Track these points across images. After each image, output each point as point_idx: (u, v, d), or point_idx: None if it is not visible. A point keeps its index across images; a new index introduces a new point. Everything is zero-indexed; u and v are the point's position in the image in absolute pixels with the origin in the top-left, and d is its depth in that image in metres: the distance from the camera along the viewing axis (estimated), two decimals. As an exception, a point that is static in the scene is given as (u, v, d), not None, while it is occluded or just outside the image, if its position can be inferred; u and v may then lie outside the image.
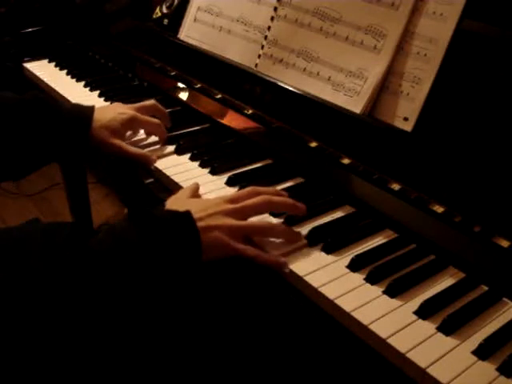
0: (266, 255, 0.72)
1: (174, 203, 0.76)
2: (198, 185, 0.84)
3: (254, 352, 0.95)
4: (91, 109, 0.95)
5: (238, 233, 0.73)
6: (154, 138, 1.02)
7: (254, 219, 0.77)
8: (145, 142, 1.02)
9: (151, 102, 1.03)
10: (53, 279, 0.59)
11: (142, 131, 1.03)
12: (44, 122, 0.90)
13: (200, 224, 0.70)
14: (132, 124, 0.98)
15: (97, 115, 0.94)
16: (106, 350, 0.67)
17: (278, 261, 0.72)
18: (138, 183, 0.97)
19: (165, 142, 1.00)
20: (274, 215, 0.81)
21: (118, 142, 0.94)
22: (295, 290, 0.71)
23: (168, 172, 0.92)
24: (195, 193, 0.82)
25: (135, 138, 1.02)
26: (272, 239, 0.76)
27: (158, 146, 1.00)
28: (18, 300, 0.57)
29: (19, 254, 0.60)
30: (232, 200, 0.76)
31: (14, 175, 0.94)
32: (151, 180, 0.95)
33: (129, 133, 1.00)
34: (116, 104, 1.03)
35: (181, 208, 0.71)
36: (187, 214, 0.70)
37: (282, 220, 0.79)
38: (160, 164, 0.94)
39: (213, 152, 0.98)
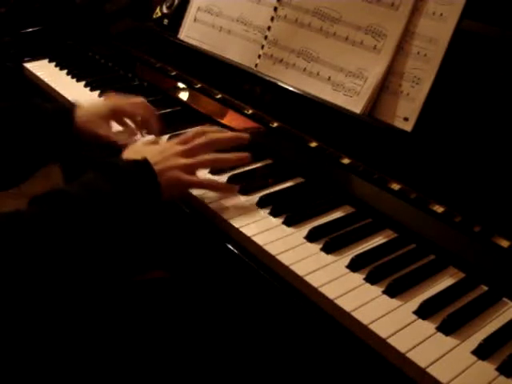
0: (217, 182, 0.87)
1: (131, 152, 0.83)
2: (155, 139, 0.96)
3: (254, 352, 0.95)
4: (72, 105, 0.99)
5: (190, 169, 0.83)
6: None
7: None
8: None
9: (140, 98, 1.05)
10: (36, 223, 0.66)
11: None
12: (29, 122, 0.93)
13: (157, 167, 0.78)
14: (115, 112, 1.00)
15: (80, 111, 0.97)
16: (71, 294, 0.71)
17: (228, 187, 0.86)
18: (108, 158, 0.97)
19: (156, 119, 1.03)
20: (274, 215, 0.81)
21: (105, 130, 0.98)
22: (295, 289, 0.71)
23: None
24: (150, 141, 0.92)
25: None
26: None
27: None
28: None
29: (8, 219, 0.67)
30: (182, 141, 0.85)
31: (10, 182, 0.97)
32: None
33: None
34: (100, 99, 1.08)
35: (138, 156, 0.79)
36: (145, 161, 0.78)
37: (282, 219, 0.80)
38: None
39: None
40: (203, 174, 0.89)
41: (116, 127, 1.02)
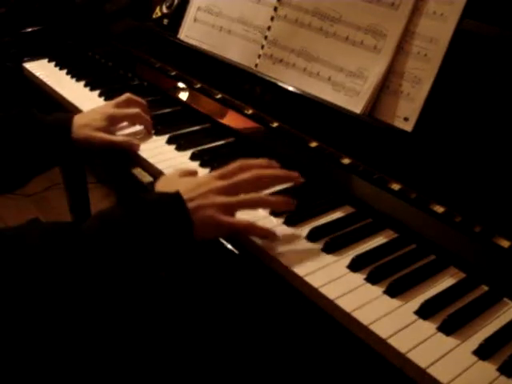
0: (259, 226, 0.74)
1: (164, 184, 0.77)
2: (192, 170, 0.84)
3: (254, 352, 0.95)
4: (70, 115, 0.99)
5: (229, 209, 0.73)
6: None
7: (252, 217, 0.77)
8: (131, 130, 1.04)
9: (125, 95, 1.05)
10: (47, 267, 0.60)
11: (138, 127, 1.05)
12: (27, 133, 0.93)
13: (191, 204, 0.70)
14: (112, 119, 1.00)
15: (76, 119, 0.98)
16: (97, 335, 0.67)
17: (269, 232, 0.74)
18: (137, 183, 0.97)
19: (150, 128, 1.03)
20: (275, 215, 0.81)
21: (99, 133, 0.97)
22: (295, 290, 0.71)
23: (168, 172, 0.92)
24: (186, 173, 0.82)
25: (127, 131, 1.04)
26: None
27: (146, 137, 1.02)
28: (16, 299, 0.58)
29: (19, 253, 0.60)
30: (222, 175, 0.76)
31: (8, 187, 0.97)
32: (151, 180, 0.95)
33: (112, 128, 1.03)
34: (93, 108, 1.06)
35: (171, 188, 0.71)
36: (176, 195, 0.70)
37: (282, 219, 0.79)
38: (160, 164, 0.94)
39: (213, 152, 0.98)
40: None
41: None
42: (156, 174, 0.94)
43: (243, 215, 0.77)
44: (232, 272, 0.82)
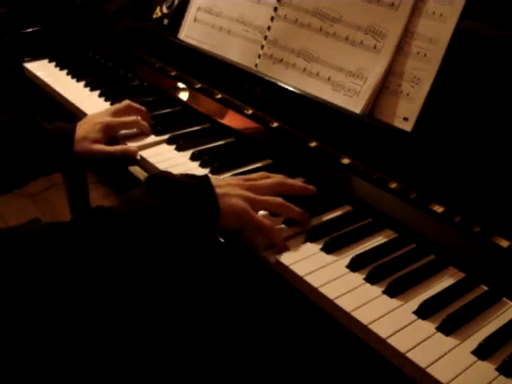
0: (278, 234, 0.74)
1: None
2: None
3: (253, 352, 0.95)
4: (73, 127, 1.00)
5: (255, 204, 0.75)
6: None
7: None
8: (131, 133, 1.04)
9: (124, 103, 1.06)
10: (48, 267, 0.60)
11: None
12: (29, 141, 0.95)
13: (219, 190, 0.71)
14: (109, 130, 1.01)
15: (77, 130, 0.99)
16: (105, 334, 0.67)
17: (284, 243, 0.74)
18: (137, 184, 0.97)
19: (149, 134, 1.04)
20: (274, 215, 0.81)
21: (98, 146, 0.98)
22: (295, 289, 0.71)
23: (168, 172, 0.92)
24: None
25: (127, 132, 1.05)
26: None
27: (148, 140, 1.02)
28: (18, 300, 0.58)
29: (19, 254, 0.60)
30: (246, 179, 0.79)
31: (4, 189, 0.98)
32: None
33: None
34: (94, 114, 1.07)
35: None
36: (205, 179, 0.72)
37: (282, 220, 0.79)
38: (161, 165, 0.94)
39: (213, 152, 0.98)
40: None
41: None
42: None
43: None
44: (231, 271, 0.82)
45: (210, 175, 0.74)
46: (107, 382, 0.78)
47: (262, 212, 0.79)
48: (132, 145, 1.00)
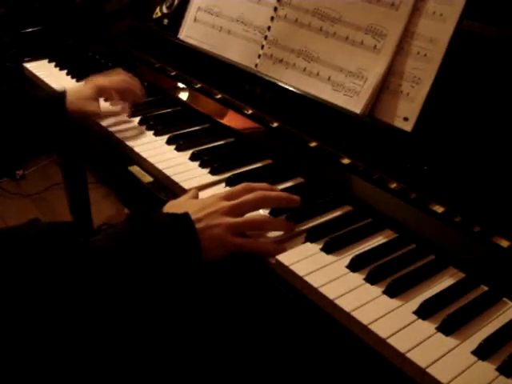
0: (264, 245, 0.75)
1: (172, 206, 0.78)
2: (197, 191, 0.85)
3: (253, 352, 0.95)
4: (63, 91, 1.02)
5: (236, 230, 0.74)
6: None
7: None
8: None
9: (118, 70, 1.13)
10: (53, 280, 0.60)
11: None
12: (21, 109, 0.95)
13: (199, 225, 0.71)
14: (99, 88, 1.04)
15: (69, 92, 1.02)
16: (104, 348, 0.67)
17: (276, 248, 0.74)
18: (137, 183, 0.97)
19: (140, 100, 1.10)
20: (274, 215, 0.81)
21: (93, 107, 1.02)
22: (295, 290, 0.71)
23: (168, 172, 0.92)
24: (194, 196, 0.83)
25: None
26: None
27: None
28: (17, 297, 0.58)
29: (19, 253, 0.60)
30: (227, 197, 0.77)
31: (8, 168, 0.97)
32: (151, 180, 0.95)
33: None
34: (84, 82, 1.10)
35: (179, 210, 0.73)
36: (185, 216, 0.72)
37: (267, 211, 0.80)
38: (160, 164, 0.94)
39: (213, 152, 0.98)
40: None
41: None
42: (156, 173, 0.94)
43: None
44: (231, 271, 0.82)
45: (190, 213, 0.72)
46: (107, 383, 0.78)
47: (261, 211, 0.80)
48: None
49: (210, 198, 0.78)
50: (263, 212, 0.81)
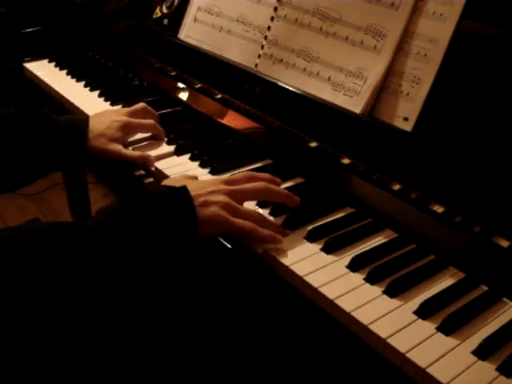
0: (262, 230, 0.73)
1: (170, 181, 0.77)
2: (196, 176, 0.85)
3: (253, 352, 0.95)
4: (86, 120, 0.96)
5: (233, 210, 0.73)
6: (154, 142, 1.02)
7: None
8: (144, 143, 1.02)
9: (141, 104, 1.03)
10: (51, 262, 0.60)
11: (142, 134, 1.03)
12: (40, 135, 0.90)
13: (197, 200, 0.71)
14: (127, 129, 0.98)
15: (93, 124, 0.95)
16: (103, 342, 0.67)
17: (273, 236, 0.73)
18: (137, 183, 0.97)
19: (163, 138, 1.01)
20: (275, 215, 0.81)
21: (115, 147, 0.94)
22: (295, 289, 0.71)
23: (168, 172, 0.92)
24: (191, 177, 0.83)
25: (133, 138, 1.02)
26: None
27: (157, 146, 1.00)
28: (16, 300, 0.58)
29: (19, 254, 0.60)
30: (229, 182, 0.77)
31: (13, 186, 0.95)
32: (151, 180, 0.95)
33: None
34: (109, 111, 1.04)
35: (177, 185, 0.72)
36: (183, 189, 0.71)
37: (282, 220, 0.79)
38: (160, 164, 0.94)
39: (213, 152, 0.98)
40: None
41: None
42: (155, 173, 0.94)
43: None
44: (230, 271, 0.82)
45: (188, 186, 0.72)
46: (107, 383, 0.78)
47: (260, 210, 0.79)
48: (150, 153, 0.96)
49: (210, 180, 0.77)
50: (263, 212, 0.81)
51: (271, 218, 0.80)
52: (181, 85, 1.19)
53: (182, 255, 0.71)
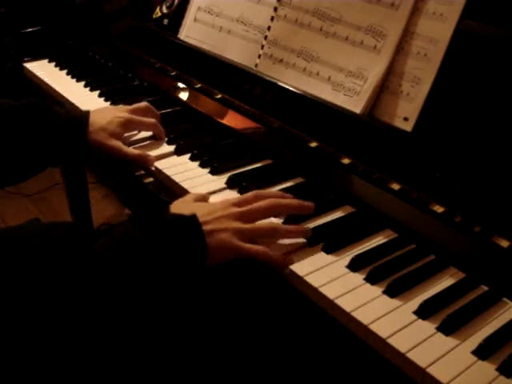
0: (273, 254, 0.72)
1: (179, 206, 0.75)
2: (208, 195, 0.83)
3: (253, 352, 0.95)
4: (87, 113, 0.96)
5: (245, 236, 0.72)
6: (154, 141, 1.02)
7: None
8: (144, 143, 1.02)
9: (144, 103, 1.03)
10: (54, 282, 0.59)
11: (142, 133, 1.03)
12: (40, 127, 0.90)
13: (206, 227, 0.69)
14: (129, 126, 0.98)
15: (94, 118, 0.94)
16: (106, 352, 0.67)
17: (285, 259, 0.71)
18: (137, 183, 0.97)
19: (163, 138, 1.01)
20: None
21: (116, 143, 0.94)
22: (295, 290, 0.71)
23: (168, 172, 0.92)
24: (202, 198, 0.81)
25: (134, 138, 1.02)
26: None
27: (158, 146, 1.00)
28: (17, 301, 0.57)
29: (19, 254, 0.60)
30: (238, 203, 0.75)
31: (13, 180, 0.94)
32: (151, 180, 0.95)
33: (126, 134, 1.00)
34: (111, 107, 1.04)
35: (186, 211, 0.71)
36: (192, 217, 0.70)
37: (281, 220, 0.79)
38: (160, 164, 0.94)
39: (213, 152, 0.98)
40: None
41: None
42: (156, 173, 0.94)
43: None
44: (230, 271, 0.82)
45: (198, 215, 0.70)
46: (107, 383, 0.78)
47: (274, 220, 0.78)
48: (150, 153, 0.95)
49: (219, 203, 0.76)
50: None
51: (273, 219, 0.80)
52: (181, 85, 1.19)
53: (193, 282, 0.70)
